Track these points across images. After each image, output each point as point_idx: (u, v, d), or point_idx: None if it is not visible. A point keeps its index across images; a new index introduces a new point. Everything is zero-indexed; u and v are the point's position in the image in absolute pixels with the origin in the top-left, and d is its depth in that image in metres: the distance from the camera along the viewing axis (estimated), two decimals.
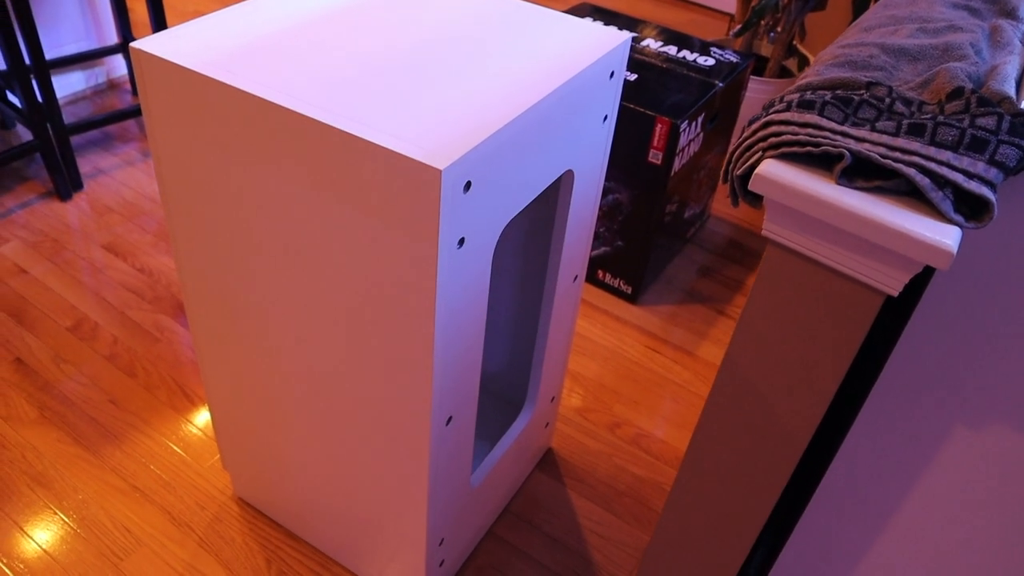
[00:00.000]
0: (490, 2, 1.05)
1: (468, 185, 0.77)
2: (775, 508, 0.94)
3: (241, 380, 1.16)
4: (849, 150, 0.67)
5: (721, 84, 1.79)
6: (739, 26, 2.33)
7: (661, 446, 1.59)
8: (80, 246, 1.96)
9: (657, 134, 1.66)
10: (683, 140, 1.69)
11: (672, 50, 1.90)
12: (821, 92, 0.76)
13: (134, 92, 2.58)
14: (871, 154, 0.66)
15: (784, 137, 0.71)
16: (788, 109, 0.74)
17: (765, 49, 2.55)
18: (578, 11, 2.04)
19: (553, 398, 1.42)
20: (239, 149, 0.87)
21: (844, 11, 2.76)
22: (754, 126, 0.75)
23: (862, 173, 0.67)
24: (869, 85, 0.75)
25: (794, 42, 2.44)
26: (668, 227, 1.91)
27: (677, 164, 1.73)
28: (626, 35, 1.01)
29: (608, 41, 0.98)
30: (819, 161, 0.69)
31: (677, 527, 1.00)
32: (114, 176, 2.21)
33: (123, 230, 2.02)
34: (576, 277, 1.23)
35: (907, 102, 0.72)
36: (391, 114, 0.79)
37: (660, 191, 1.74)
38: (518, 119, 0.82)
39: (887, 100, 0.73)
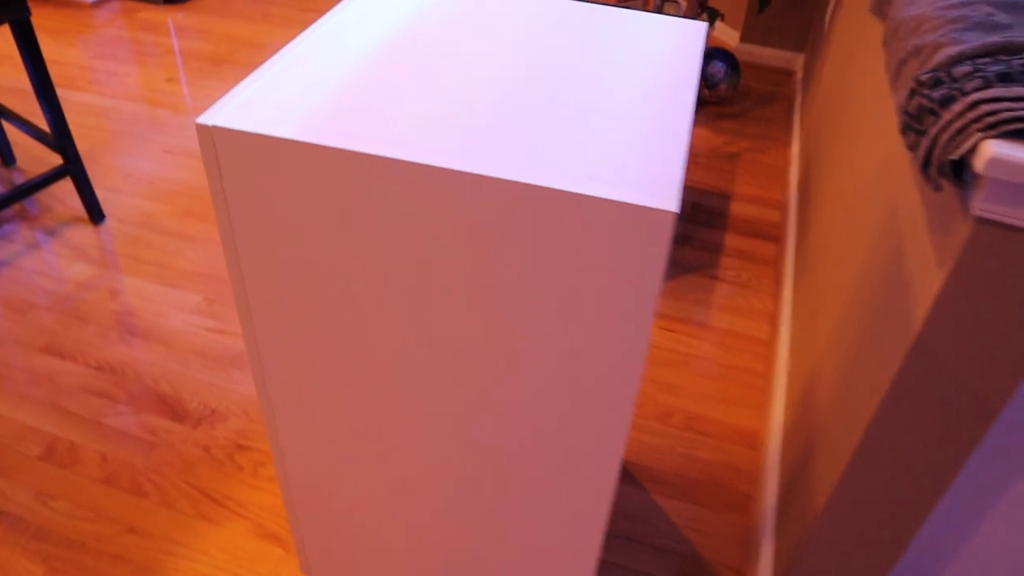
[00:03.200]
0: (551, 6, 0.96)
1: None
2: None
3: (346, 474, 1.03)
4: None
5: None
6: None
7: (714, 425, 1.58)
8: (15, 356, 1.69)
9: None
10: None
11: None
12: (1000, 59, 0.73)
13: (3, 164, 2.26)
14: None
15: (1002, 115, 0.68)
16: (988, 85, 0.71)
17: None
18: None
19: None
20: (355, 218, 0.74)
21: None
22: (955, 108, 0.72)
23: None
24: None
25: None
26: None
27: None
28: (703, 24, 0.95)
29: (694, 33, 0.92)
30: None
31: (843, 515, 0.98)
32: (20, 266, 1.93)
33: (57, 326, 1.77)
34: None
35: None
36: (549, 154, 0.69)
37: None
38: (686, 136, 0.74)
39: None
